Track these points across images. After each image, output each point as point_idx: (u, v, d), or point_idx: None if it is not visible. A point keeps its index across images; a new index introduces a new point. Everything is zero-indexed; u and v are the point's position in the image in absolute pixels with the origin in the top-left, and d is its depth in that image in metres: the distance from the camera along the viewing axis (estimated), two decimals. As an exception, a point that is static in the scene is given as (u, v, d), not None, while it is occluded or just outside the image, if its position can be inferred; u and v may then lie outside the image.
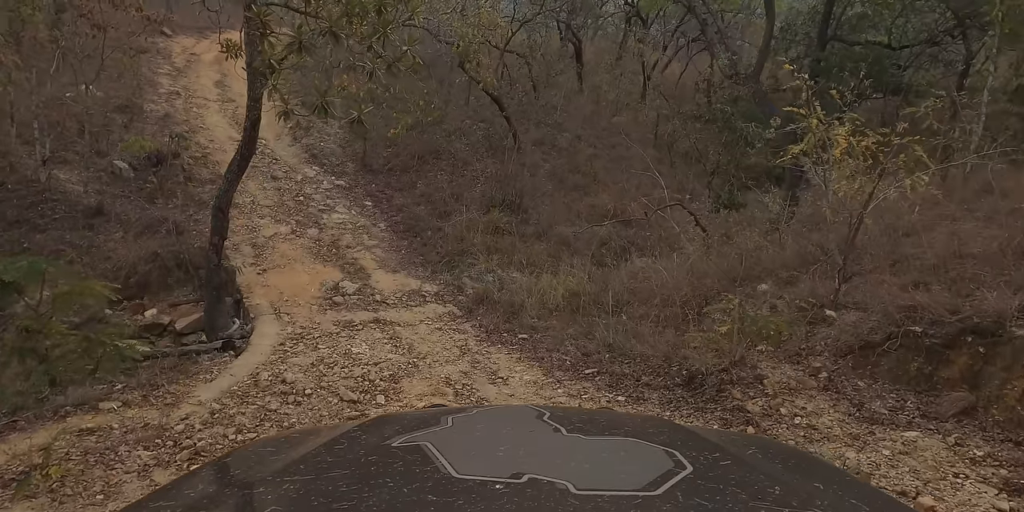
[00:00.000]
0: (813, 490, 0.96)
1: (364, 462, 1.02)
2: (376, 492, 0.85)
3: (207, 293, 6.44)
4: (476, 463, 0.95)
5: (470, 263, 8.62)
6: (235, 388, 4.86)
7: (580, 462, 0.99)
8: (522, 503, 0.79)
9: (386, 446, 1.07)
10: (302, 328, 6.49)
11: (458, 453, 0.99)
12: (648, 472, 0.90)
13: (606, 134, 14.11)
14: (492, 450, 1.06)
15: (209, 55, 17.11)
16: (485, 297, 7.62)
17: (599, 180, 12.14)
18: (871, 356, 4.25)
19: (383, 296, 7.69)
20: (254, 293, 7.48)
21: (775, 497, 0.85)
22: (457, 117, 13.40)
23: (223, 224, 6.10)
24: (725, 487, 0.89)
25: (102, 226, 8.88)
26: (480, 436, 1.18)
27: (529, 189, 11.02)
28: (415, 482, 0.87)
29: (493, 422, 1.30)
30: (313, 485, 0.91)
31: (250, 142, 5.86)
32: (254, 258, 8.45)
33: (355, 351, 5.83)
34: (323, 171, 11.44)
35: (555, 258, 8.92)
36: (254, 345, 5.96)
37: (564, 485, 0.84)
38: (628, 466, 0.99)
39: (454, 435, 1.15)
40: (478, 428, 1.24)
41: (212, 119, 12.82)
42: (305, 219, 9.70)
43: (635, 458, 1.03)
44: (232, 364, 5.45)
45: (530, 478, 0.86)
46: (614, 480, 0.91)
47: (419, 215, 10.04)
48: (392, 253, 9.01)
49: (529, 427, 1.21)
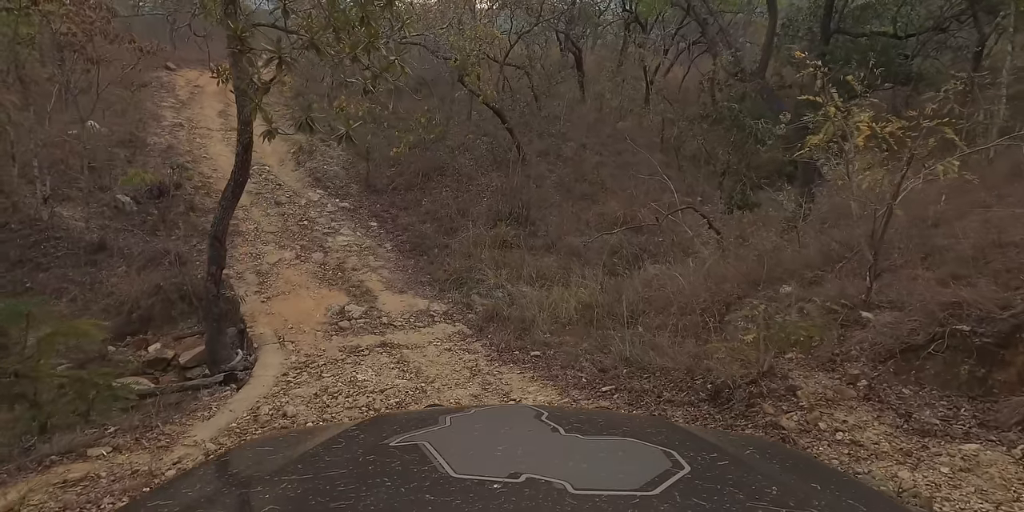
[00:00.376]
0: (810, 490, 0.94)
1: (362, 461, 0.99)
2: (374, 491, 0.83)
3: (207, 325, 6.16)
4: (474, 463, 0.93)
5: (479, 279, 8.29)
6: (233, 425, 4.54)
7: (578, 462, 0.97)
8: (520, 503, 0.77)
9: (384, 445, 1.05)
10: (307, 356, 6.18)
11: (456, 453, 0.97)
12: (646, 472, 0.88)
13: (611, 141, 13.79)
14: (490, 450, 1.03)
15: (212, 87, 17.03)
16: (495, 314, 7.27)
17: (607, 188, 11.80)
18: (914, 360, 3.83)
19: (390, 318, 7.37)
20: (258, 322, 7.20)
21: (772, 497, 0.83)
22: (459, 133, 13.16)
23: (220, 253, 5.83)
24: (722, 487, 0.86)
25: (105, 261, 8.69)
26: (478, 436, 1.15)
27: (536, 201, 10.71)
28: (413, 481, 0.86)
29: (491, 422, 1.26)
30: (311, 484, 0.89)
31: (243, 167, 5.60)
32: (258, 286, 8.19)
33: (360, 378, 5.50)
34: (327, 194, 11.22)
35: (566, 270, 8.57)
36: (256, 377, 5.65)
37: (562, 485, 0.82)
38: (626, 466, 0.97)
39: (452, 435, 1.12)
40: (476, 428, 1.21)
41: (215, 149, 12.69)
42: (310, 243, 9.45)
43: (633, 458, 1.00)
44: (232, 399, 5.14)
45: (528, 478, 0.84)
46: (612, 480, 0.89)
47: (425, 233, 9.76)
48: (399, 273, 8.71)
49: (527, 427, 1.17)
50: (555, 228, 9.98)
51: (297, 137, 13.70)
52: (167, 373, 7.33)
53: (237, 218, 10.01)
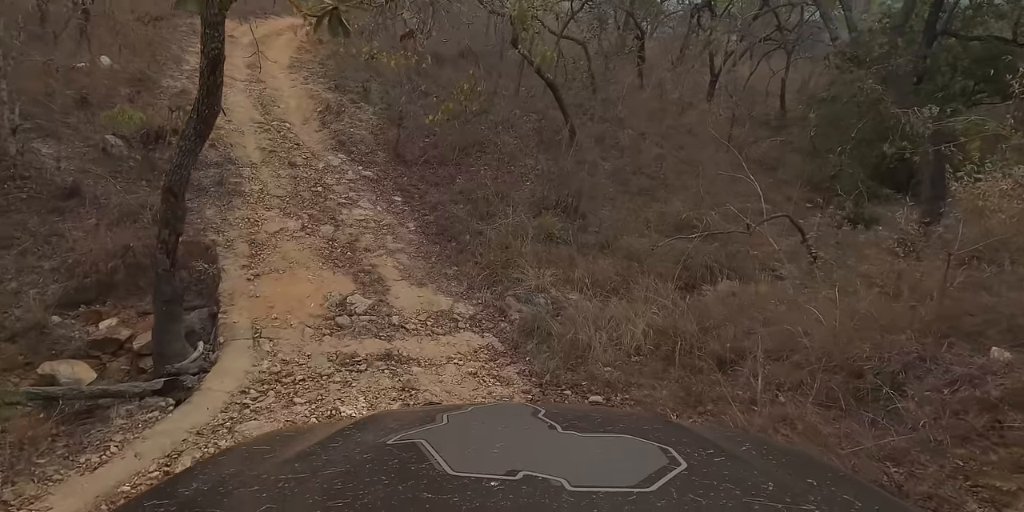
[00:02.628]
0: (807, 486, 0.87)
1: (359, 460, 0.91)
2: (371, 490, 0.77)
3: (155, 308, 4.37)
4: (471, 460, 0.86)
5: (517, 278, 6.43)
6: (127, 488, 2.74)
7: (575, 459, 0.90)
8: (517, 500, 0.72)
9: (381, 444, 0.97)
10: (283, 364, 4.37)
11: (453, 451, 0.88)
12: (643, 469, 0.81)
13: (673, 133, 11.81)
14: (487, 448, 0.94)
15: (246, 38, 15.31)
16: (536, 327, 5.43)
17: (668, 184, 9.85)
18: None
19: (402, 318, 5.54)
20: (235, 306, 5.41)
21: (769, 493, 0.78)
22: (505, 108, 11.24)
23: (176, 213, 4.02)
24: (719, 483, 0.79)
25: (74, 210, 6.93)
26: (475, 434, 1.06)
27: (588, 191, 8.79)
28: (410, 479, 0.79)
29: (488, 420, 1.16)
30: (308, 483, 0.83)
31: (211, 94, 3.76)
32: (248, 259, 6.40)
33: (345, 411, 3.69)
34: (350, 160, 9.37)
35: (624, 277, 6.68)
36: (204, 391, 3.86)
37: (559, 482, 0.76)
38: (623, 463, 0.89)
39: (449, 433, 1.03)
40: (473, 426, 1.11)
41: (235, 99, 10.86)
42: (320, 213, 7.64)
43: (630, 455, 0.92)
44: (155, 428, 3.36)
45: (525, 475, 0.78)
46: (609, 477, 0.81)
47: (456, 215, 7.90)
48: (420, 260, 6.87)
49: (524, 424, 1.08)
50: (610, 225, 8.08)
51: (326, 94, 11.91)
52: (117, 358, 5.60)
53: (242, 176, 8.23)
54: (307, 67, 13.43)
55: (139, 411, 3.63)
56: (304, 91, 11.98)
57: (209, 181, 7.81)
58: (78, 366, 5.16)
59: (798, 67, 16.11)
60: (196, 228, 6.80)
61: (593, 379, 4.36)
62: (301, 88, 12.16)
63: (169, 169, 4.02)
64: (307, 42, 15.86)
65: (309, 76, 12.84)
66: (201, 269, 5.47)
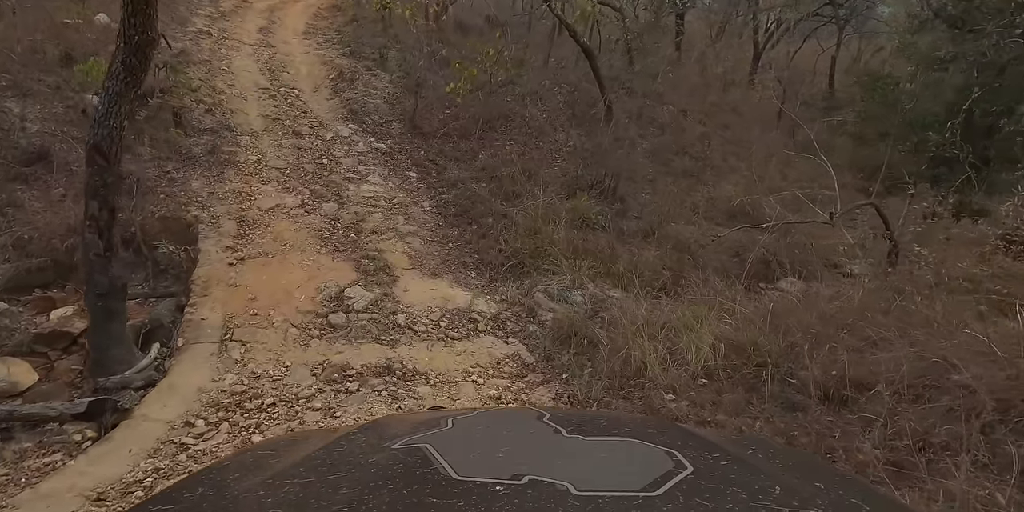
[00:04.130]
0: (814, 490, 0.84)
1: (364, 464, 0.89)
2: (376, 494, 0.75)
3: (88, 304, 3.30)
4: (476, 465, 0.83)
5: (548, 270, 5.30)
6: None
7: (580, 463, 0.86)
8: (523, 504, 0.70)
9: (386, 448, 0.95)
10: (252, 379, 3.30)
11: (458, 455, 0.86)
12: (648, 473, 0.78)
13: (716, 111, 10.51)
14: (492, 452, 0.90)
15: (262, 4, 14.16)
16: (573, 332, 4.31)
17: (714, 166, 8.61)
18: None
19: (410, 317, 4.45)
20: (209, 297, 4.34)
21: (775, 497, 0.74)
22: (533, 79, 10.00)
23: (106, 179, 2.91)
24: (726, 487, 0.76)
25: (41, 178, 5.88)
26: (480, 438, 1.02)
27: (626, 171, 7.59)
28: (415, 484, 0.77)
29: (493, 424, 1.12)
30: (313, 487, 0.80)
31: (137, 12, 2.61)
32: (235, 239, 5.32)
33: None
34: (361, 130, 8.23)
35: (675, 272, 5.52)
36: (136, 421, 2.80)
37: (564, 486, 0.74)
38: (628, 467, 0.86)
39: (454, 437, 0.99)
40: (478, 430, 1.07)
41: (240, 63, 9.74)
42: (324, 189, 6.53)
43: (635, 459, 0.88)
44: (43, 484, 2.28)
45: (530, 479, 0.76)
46: (614, 481, 0.79)
47: (478, 194, 6.75)
48: (434, 246, 5.75)
49: (529, 428, 1.03)
50: (652, 210, 6.89)
51: (340, 61, 10.73)
52: (68, 357, 4.58)
53: (239, 145, 7.13)
54: (323, 34, 12.26)
55: (36, 451, 2.58)
56: (317, 57, 10.81)
57: (200, 149, 6.72)
58: (16, 366, 4.13)
59: (848, 45, 14.61)
60: (178, 202, 5.73)
61: (653, 410, 3.23)
62: (314, 54, 10.99)
63: (94, 120, 2.89)
64: (324, 9, 14.68)
65: (324, 42, 11.67)
66: (166, 252, 4.37)
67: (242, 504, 0.80)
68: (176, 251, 4.78)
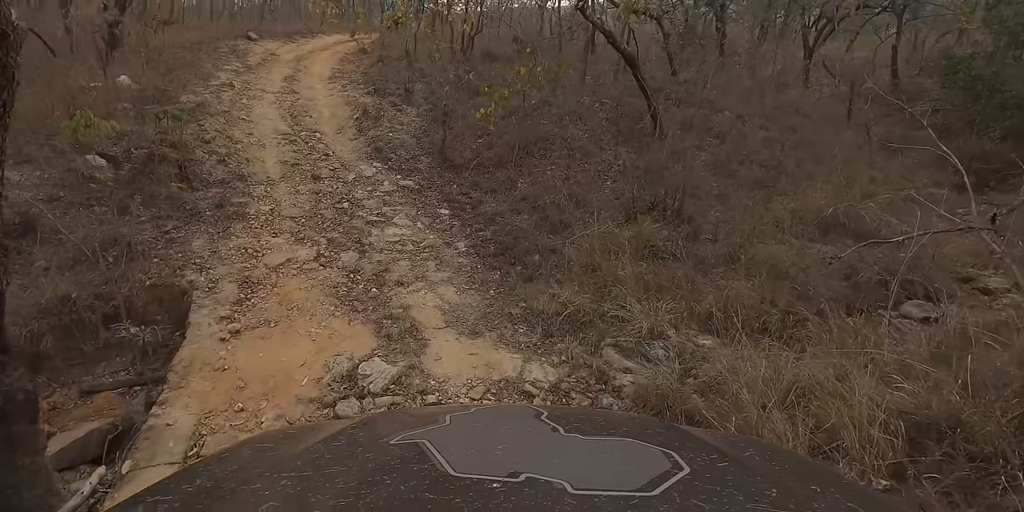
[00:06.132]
0: (810, 492, 0.81)
1: (361, 459, 0.86)
2: (373, 489, 0.73)
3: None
4: (474, 462, 0.80)
5: (616, 317, 4.06)
6: None
7: (577, 462, 0.83)
8: (519, 502, 0.68)
9: (384, 443, 0.91)
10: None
11: (456, 451, 0.83)
12: (645, 473, 0.76)
13: (778, 114, 9.17)
14: (490, 449, 0.88)
15: (289, 55, 13.76)
16: (664, 404, 3.07)
17: (788, 173, 7.25)
18: None
19: (444, 396, 3.29)
20: (187, 388, 3.28)
21: (772, 499, 0.72)
22: (570, 98, 8.94)
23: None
24: (722, 488, 0.74)
25: (26, 250, 5.06)
26: (478, 435, 0.98)
27: (688, 187, 6.34)
28: (412, 480, 0.74)
29: (491, 421, 1.07)
30: (310, 482, 0.78)
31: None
32: (233, 307, 4.31)
33: None
34: (386, 168, 7.28)
35: (777, 306, 4.20)
36: None
37: (561, 485, 0.71)
38: (625, 466, 0.83)
39: (452, 433, 0.96)
40: (476, 427, 1.03)
41: (260, 110, 9.05)
42: (343, 236, 5.52)
43: (632, 458, 0.85)
44: None
45: (527, 477, 0.73)
46: (611, 480, 0.75)
47: (520, 228, 5.62)
48: (472, 295, 4.61)
49: (527, 426, 0.99)
50: (728, 230, 5.59)
51: (364, 99, 9.95)
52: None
53: (251, 195, 6.25)
54: (348, 77, 11.61)
55: None
56: (341, 98, 10.08)
57: (206, 204, 5.85)
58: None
59: (903, 34, 13.08)
60: (173, 266, 4.80)
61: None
62: (338, 96, 10.27)
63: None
64: (351, 54, 14.19)
65: (348, 84, 10.98)
66: (130, 335, 3.37)
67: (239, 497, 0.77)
68: (137, 334, 3.78)
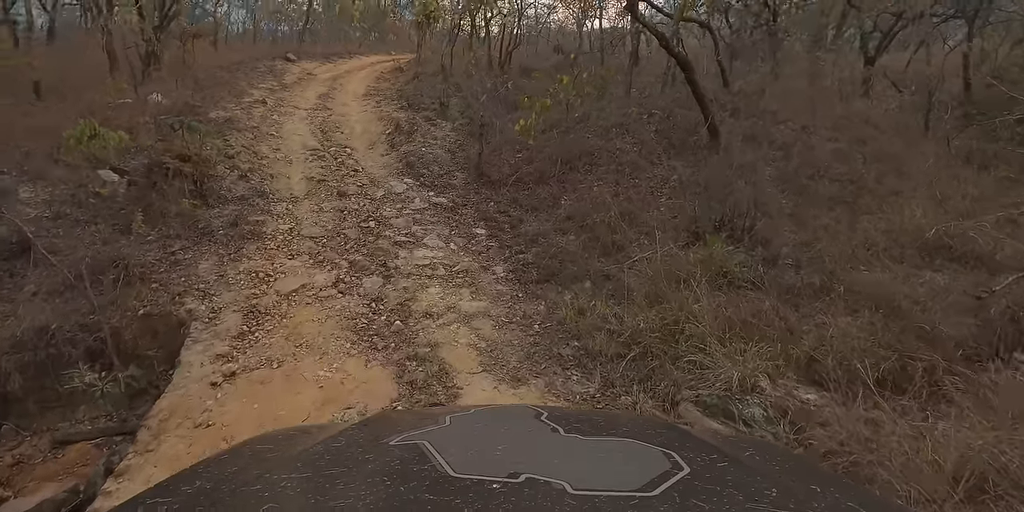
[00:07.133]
0: (810, 492, 0.81)
1: (361, 460, 0.85)
2: (373, 490, 0.72)
3: None
4: (473, 462, 0.80)
5: (691, 360, 3.23)
6: None
7: (577, 462, 0.83)
8: (519, 503, 0.67)
9: (384, 444, 0.90)
10: None
11: (456, 452, 0.83)
12: (645, 473, 0.76)
13: (846, 124, 8.24)
14: (490, 449, 0.88)
15: (326, 74, 13.46)
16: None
17: (869, 189, 6.31)
18: None
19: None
20: (158, 451, 2.58)
21: (772, 499, 0.71)
22: (616, 111, 8.20)
23: None
24: (722, 488, 0.74)
25: (19, 273, 4.53)
26: (478, 435, 0.98)
27: (758, 205, 5.48)
28: (412, 481, 0.74)
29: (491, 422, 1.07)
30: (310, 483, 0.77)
31: None
32: (232, 343, 3.62)
33: None
34: (418, 184, 6.62)
35: (895, 350, 3.29)
36: None
37: (561, 485, 0.71)
38: (625, 466, 0.82)
39: (452, 434, 0.96)
40: (476, 427, 1.03)
41: (290, 126, 8.56)
42: (367, 259, 4.84)
43: (632, 459, 0.85)
44: None
45: (527, 478, 0.73)
46: (611, 480, 0.75)
47: (566, 250, 4.84)
48: (513, 330, 3.82)
49: (527, 427, 0.99)
50: (811, 253, 4.70)
51: (398, 114, 9.39)
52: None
53: (270, 213, 5.64)
54: (383, 94, 11.15)
55: None
56: (374, 114, 9.57)
57: (221, 222, 5.26)
58: None
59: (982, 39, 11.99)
60: (173, 292, 4.16)
61: None
62: (371, 112, 9.77)
63: None
64: (387, 72, 13.82)
65: (382, 100, 10.50)
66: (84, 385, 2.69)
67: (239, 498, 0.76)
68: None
